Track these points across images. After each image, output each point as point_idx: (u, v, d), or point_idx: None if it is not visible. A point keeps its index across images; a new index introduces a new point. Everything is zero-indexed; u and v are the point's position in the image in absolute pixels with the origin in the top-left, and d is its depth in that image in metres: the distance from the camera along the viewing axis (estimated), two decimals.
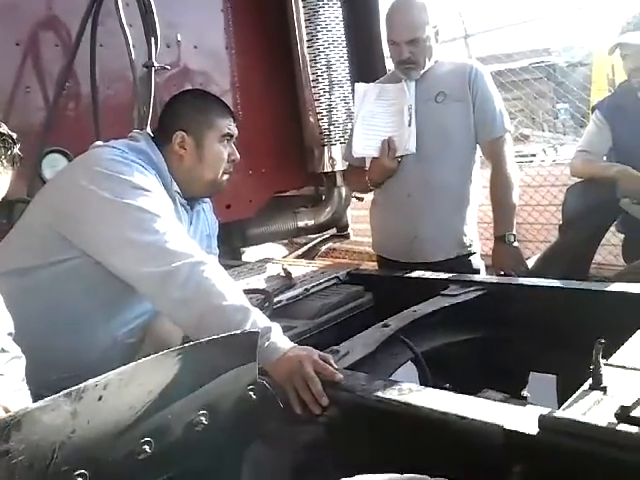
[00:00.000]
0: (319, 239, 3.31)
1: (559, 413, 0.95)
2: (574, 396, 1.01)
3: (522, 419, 0.99)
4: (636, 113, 2.39)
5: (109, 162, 1.48)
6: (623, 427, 0.89)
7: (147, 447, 0.91)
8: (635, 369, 1.10)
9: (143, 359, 0.92)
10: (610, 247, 3.47)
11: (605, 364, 1.08)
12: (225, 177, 1.71)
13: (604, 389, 1.02)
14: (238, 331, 1.05)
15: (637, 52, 2.33)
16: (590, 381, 1.03)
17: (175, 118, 1.67)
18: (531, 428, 0.96)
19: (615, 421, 0.91)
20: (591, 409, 0.97)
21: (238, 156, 1.72)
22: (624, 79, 2.55)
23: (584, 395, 1.01)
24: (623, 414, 0.91)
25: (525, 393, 2.16)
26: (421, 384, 1.37)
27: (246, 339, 1.04)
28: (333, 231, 3.24)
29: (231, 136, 1.71)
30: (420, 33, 2.15)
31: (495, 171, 2.26)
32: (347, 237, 3.28)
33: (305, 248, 3.34)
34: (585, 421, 0.92)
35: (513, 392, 1.95)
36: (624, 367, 1.11)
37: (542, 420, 0.95)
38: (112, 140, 1.61)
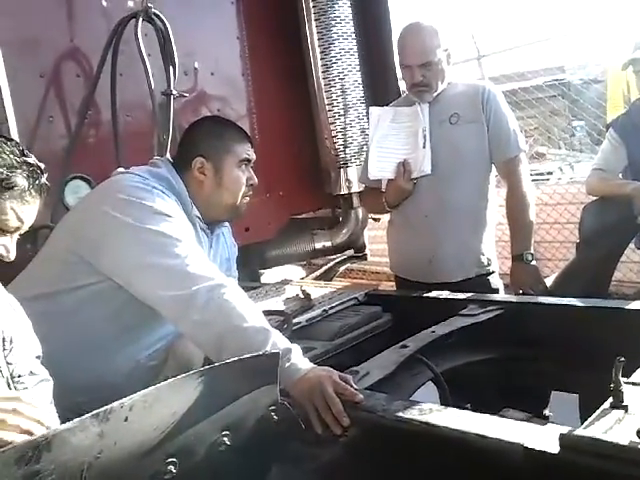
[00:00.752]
0: (337, 260, 3.32)
1: (580, 432, 0.95)
2: (595, 415, 1.01)
3: (542, 438, 0.99)
4: None
5: (131, 189, 1.52)
6: None
7: (172, 467, 0.93)
8: None
9: (167, 381, 0.94)
10: (630, 264, 3.44)
11: (626, 382, 1.08)
12: (244, 201, 1.74)
13: (625, 407, 1.02)
14: (259, 352, 1.06)
15: None
16: (611, 400, 1.03)
17: (194, 144, 1.71)
18: (552, 447, 0.96)
19: (637, 439, 0.90)
20: (612, 428, 0.97)
21: (256, 180, 1.75)
22: (638, 96, 2.55)
23: (605, 413, 1.01)
24: None
25: (547, 412, 2.15)
26: (441, 404, 1.37)
27: (267, 360, 1.05)
28: (350, 252, 3.25)
29: (249, 161, 1.74)
30: (432, 57, 2.18)
31: (511, 191, 2.27)
32: (364, 258, 3.29)
33: (323, 269, 3.35)
34: (606, 439, 0.92)
35: (535, 412, 1.94)
36: None
37: (563, 439, 0.95)
38: (133, 167, 1.65)
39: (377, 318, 2.01)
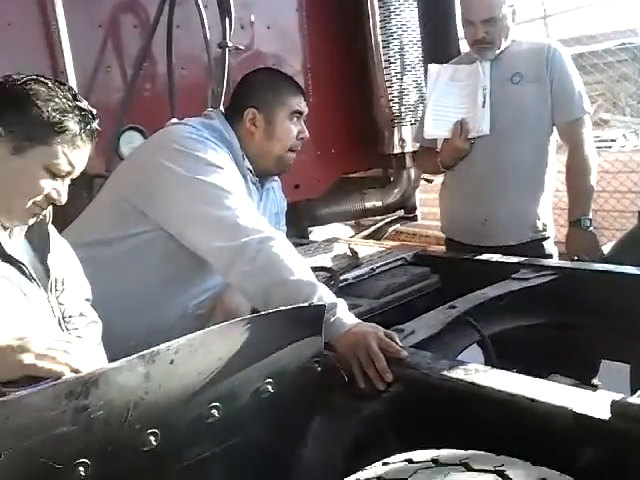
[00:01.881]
0: (387, 220, 3.29)
1: (633, 399, 0.92)
2: None
3: (593, 404, 0.97)
4: None
5: (184, 139, 1.52)
6: None
7: (215, 411, 0.95)
8: None
9: (213, 327, 0.95)
10: None
11: None
12: (291, 156, 1.73)
13: None
14: (305, 304, 1.06)
15: None
16: None
17: (247, 96, 1.70)
18: (603, 413, 0.93)
19: None
20: None
21: (307, 134, 1.74)
22: None
23: None
24: None
25: (596, 381, 2.11)
26: None
27: (313, 312, 1.05)
28: (401, 213, 3.21)
29: (301, 113, 1.72)
30: (497, 12, 2.10)
31: (572, 154, 2.19)
32: (415, 219, 3.25)
33: (372, 229, 3.33)
34: None
35: (583, 380, 1.90)
36: None
37: (614, 405, 0.92)
38: (187, 118, 1.65)
39: (425, 278, 1.99)
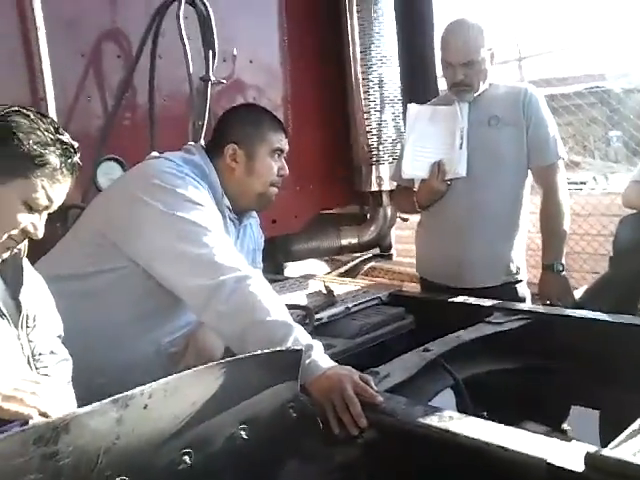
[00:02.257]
0: (362, 258, 3.30)
1: (607, 452, 0.93)
2: (623, 435, 0.98)
3: (567, 455, 0.97)
4: None
5: (164, 174, 1.51)
6: None
7: (187, 458, 0.93)
8: None
9: (188, 370, 0.94)
10: None
11: None
12: (273, 191, 1.73)
13: None
14: (282, 347, 1.05)
15: None
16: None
17: (228, 131, 1.70)
18: (576, 465, 0.94)
19: None
20: None
21: (287, 171, 1.74)
22: None
23: (634, 435, 0.98)
24: None
25: (565, 426, 2.11)
26: (459, 412, 1.35)
27: (290, 356, 1.04)
28: (376, 250, 3.23)
29: (282, 151, 1.73)
30: (475, 56, 2.14)
31: (547, 198, 2.23)
32: (390, 258, 3.27)
33: (348, 266, 3.33)
34: (634, 462, 0.89)
35: (553, 425, 1.91)
36: None
37: (588, 458, 0.92)
38: (167, 152, 1.65)
39: (400, 319, 1.99)
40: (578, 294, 2.38)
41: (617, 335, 1.67)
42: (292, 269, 3.14)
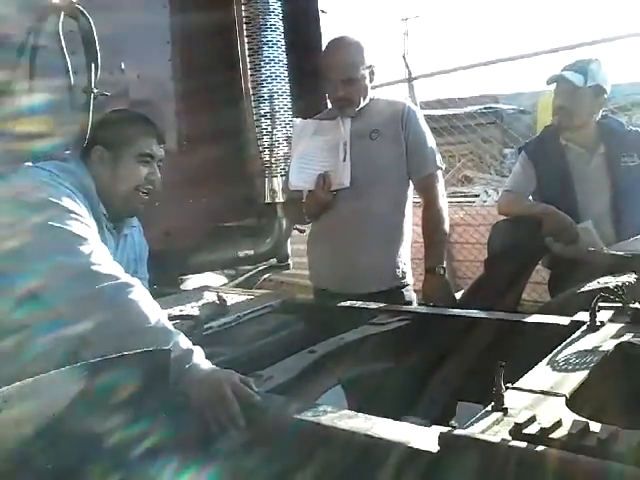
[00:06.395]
0: (259, 268, 3.32)
1: (458, 431, 0.99)
2: (476, 417, 1.05)
3: (426, 438, 1.03)
4: (557, 155, 2.51)
5: (37, 184, 1.48)
6: (516, 444, 0.93)
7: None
8: (536, 391, 1.14)
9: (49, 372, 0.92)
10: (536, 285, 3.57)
11: (511, 387, 1.14)
12: (141, 197, 1.73)
13: (505, 410, 1.06)
14: (150, 349, 1.06)
15: (567, 90, 2.43)
16: (492, 403, 1.08)
17: (97, 134, 1.73)
18: (432, 446, 1.00)
19: (509, 438, 0.95)
20: (490, 428, 1.01)
21: (159, 178, 1.74)
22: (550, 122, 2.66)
23: (485, 415, 1.05)
24: (517, 431, 0.95)
25: (453, 423, 2.20)
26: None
27: (158, 357, 1.05)
28: (273, 262, 3.25)
29: (152, 157, 1.73)
30: (355, 73, 2.24)
31: (427, 206, 2.34)
32: (287, 268, 3.30)
33: (244, 277, 3.34)
34: (483, 438, 0.96)
35: (442, 422, 1.99)
36: (531, 390, 1.16)
37: (441, 438, 0.98)
38: (41, 161, 1.62)
39: (291, 325, 2.02)
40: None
41: (491, 331, 1.75)
42: (189, 282, 3.11)
